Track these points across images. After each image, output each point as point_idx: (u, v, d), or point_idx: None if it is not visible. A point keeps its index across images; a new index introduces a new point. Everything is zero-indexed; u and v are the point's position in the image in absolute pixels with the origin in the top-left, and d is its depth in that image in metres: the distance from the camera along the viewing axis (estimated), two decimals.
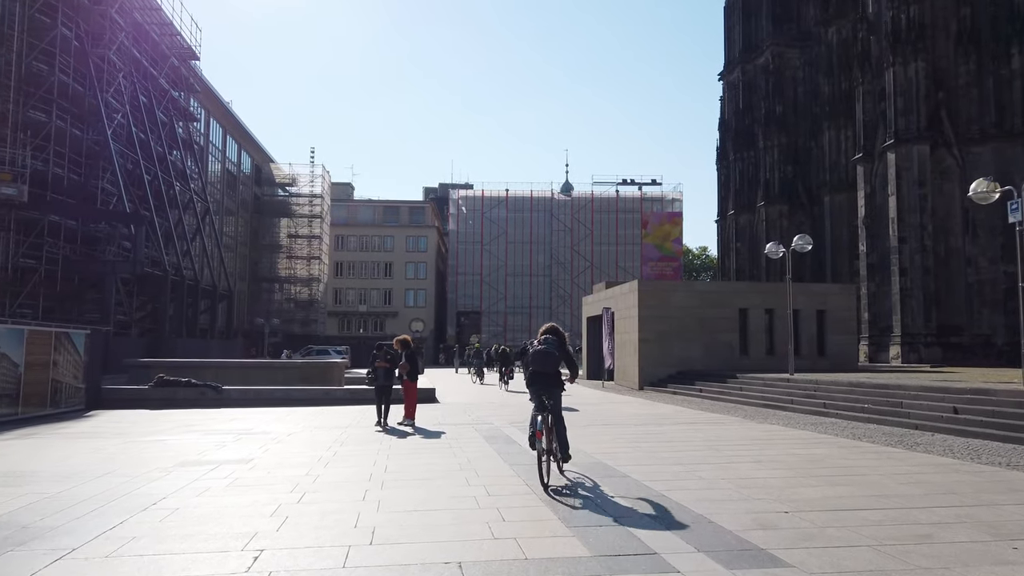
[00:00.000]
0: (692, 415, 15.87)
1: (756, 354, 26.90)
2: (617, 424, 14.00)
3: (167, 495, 7.20)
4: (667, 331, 26.33)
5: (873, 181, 35.13)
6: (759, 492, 7.17)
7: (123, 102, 34.18)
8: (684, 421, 14.50)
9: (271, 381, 22.19)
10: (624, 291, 28.34)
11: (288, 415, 16.30)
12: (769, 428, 13.18)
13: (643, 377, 26.05)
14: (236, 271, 61.89)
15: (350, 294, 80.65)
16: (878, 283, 34.69)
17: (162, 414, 16.78)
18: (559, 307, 76.75)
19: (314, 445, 11.09)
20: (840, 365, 26.46)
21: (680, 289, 27.59)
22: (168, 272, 34.47)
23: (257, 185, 68.77)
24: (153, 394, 19.77)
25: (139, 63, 37.02)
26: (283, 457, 9.86)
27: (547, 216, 78.90)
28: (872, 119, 35.30)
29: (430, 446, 11.04)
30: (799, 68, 46.36)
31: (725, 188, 51.52)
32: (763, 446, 10.65)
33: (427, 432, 12.80)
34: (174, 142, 41.92)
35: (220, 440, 11.73)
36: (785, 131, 45.73)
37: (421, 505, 6.69)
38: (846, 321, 27.60)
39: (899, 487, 7.47)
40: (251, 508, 6.60)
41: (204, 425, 14.23)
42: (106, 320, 30.15)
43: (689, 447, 10.60)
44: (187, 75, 44.64)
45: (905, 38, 32.27)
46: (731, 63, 50.97)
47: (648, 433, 12.46)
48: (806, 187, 45.06)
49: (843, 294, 28.06)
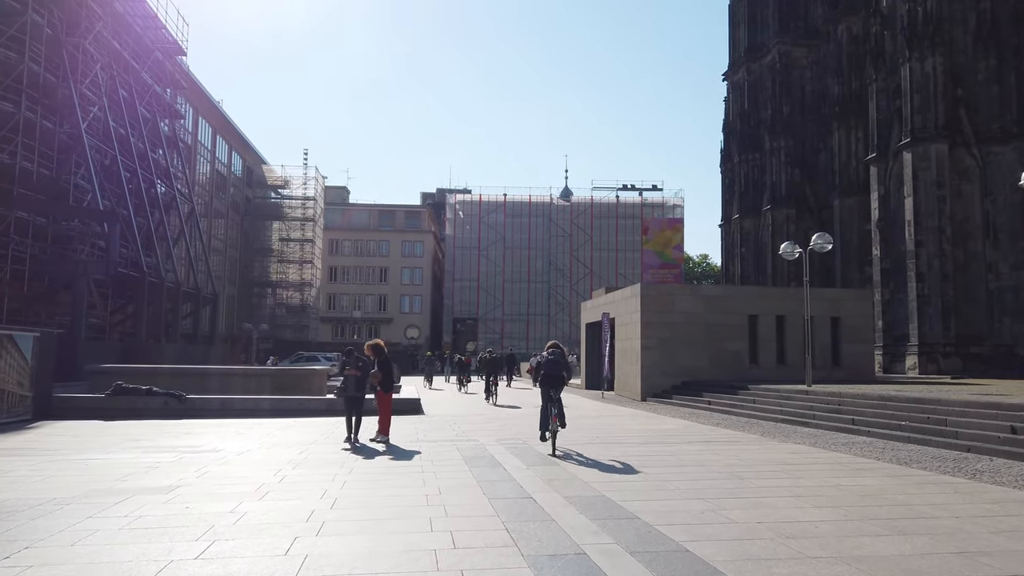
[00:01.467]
0: (703, 431, 14.13)
1: (766, 363, 25.18)
2: (619, 442, 12.27)
3: (32, 544, 5.46)
4: (671, 338, 24.61)
5: (887, 183, 33.48)
6: (812, 546, 5.44)
7: (100, 95, 32.49)
8: (695, 439, 12.76)
9: (244, 390, 20.44)
10: (625, 295, 26.63)
11: (252, 428, 14.57)
12: (795, 448, 11.45)
13: (645, 387, 24.32)
14: (225, 275, 60.21)
15: (344, 300, 78.84)
16: (892, 290, 32.98)
17: (113, 426, 15.06)
18: (557, 314, 75.04)
19: (262, 467, 9.35)
20: (856, 376, 24.74)
21: (685, 294, 25.87)
22: (146, 273, 32.70)
23: (249, 187, 67.10)
24: (111, 404, 17.99)
25: (119, 55, 35.35)
26: (217, 484, 8.13)
27: (546, 222, 77.29)
28: (886, 118, 33.68)
29: (398, 470, 9.32)
30: (807, 68, 44.80)
31: (729, 192, 49.87)
32: (796, 473, 8.92)
33: (400, 451, 11.07)
34: (158, 140, 40.21)
35: (156, 460, 10.00)
36: (792, 133, 44.11)
37: (360, 565, 4.95)
38: (862, 329, 25.88)
39: (992, 537, 5.74)
40: (124, 569, 4.86)
41: (151, 440, 12.51)
42: (77, 323, 28.42)
43: (707, 474, 8.86)
44: (173, 71, 42.98)
45: (922, 32, 30.68)
46: (735, 63, 49.42)
47: (656, 455, 10.72)
48: (814, 191, 43.42)
49: (859, 300, 26.36)
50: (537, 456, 10.42)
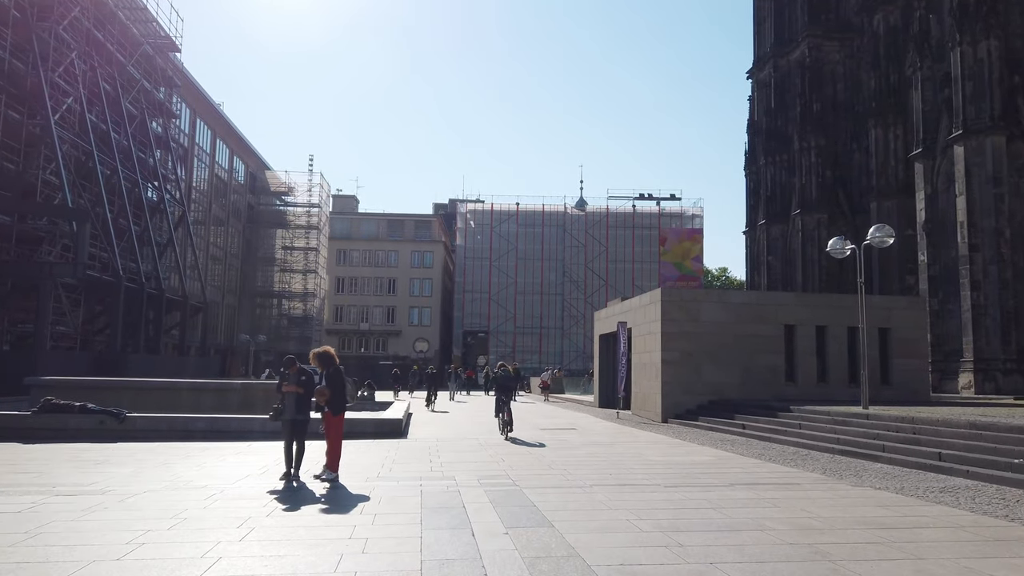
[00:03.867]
0: (746, 466, 11.12)
1: (805, 381, 22.06)
2: (639, 484, 9.29)
3: None
4: (695, 351, 21.56)
5: (935, 180, 30.31)
6: None
7: (77, 86, 30.17)
8: (739, 478, 9.75)
9: (197, 407, 17.67)
10: (644, 302, 23.63)
11: (186, 456, 11.79)
12: (878, 497, 8.42)
13: (667, 407, 21.27)
14: (225, 284, 57.85)
15: (352, 311, 76.12)
16: (941, 300, 29.71)
17: (20, 452, 12.32)
18: (571, 327, 71.98)
19: (124, 526, 6.50)
20: (910, 396, 21.55)
21: (712, 300, 22.84)
22: (123, 278, 30.15)
23: (252, 194, 64.89)
24: (37, 423, 15.25)
25: (101, 46, 33.09)
26: (23, 559, 5.29)
27: (560, 232, 74.42)
28: (933, 110, 30.57)
29: (321, 530, 6.42)
30: (839, 63, 41.75)
31: (754, 196, 46.70)
32: (907, 547, 5.91)
33: (341, 497, 8.18)
34: (146, 138, 37.93)
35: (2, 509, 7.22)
36: (823, 131, 40.98)
37: None
38: (915, 342, 22.67)
39: None
40: None
41: (40, 473, 9.77)
42: (41, 331, 25.90)
43: (775, 547, 5.88)
44: (165, 67, 40.81)
45: (974, 13, 27.61)
46: (761, 59, 46.43)
47: (692, 508, 7.74)
48: (847, 193, 40.24)
49: (911, 309, 23.15)
50: (524, 509, 7.48)
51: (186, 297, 38.25)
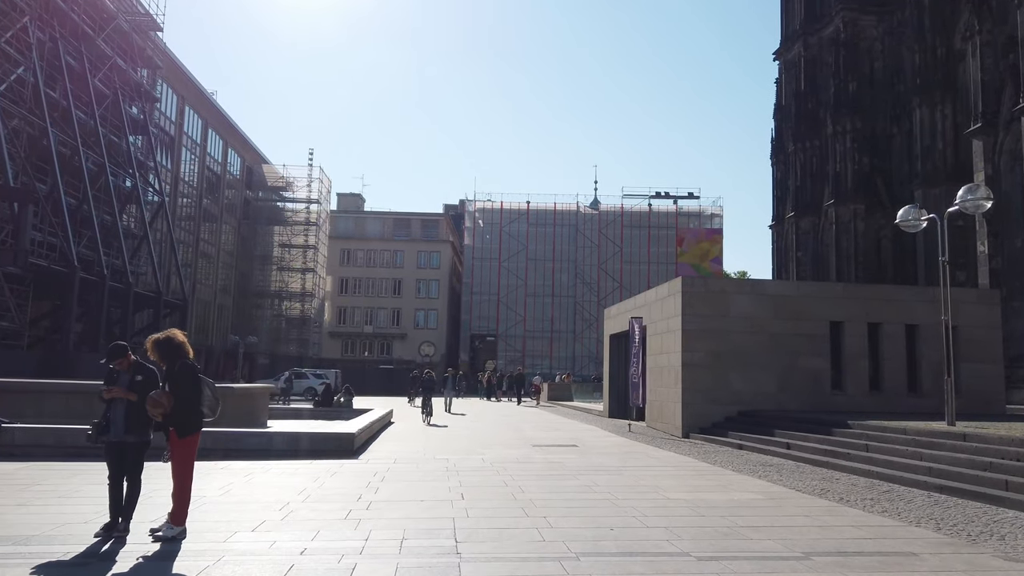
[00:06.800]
0: (810, 511, 7.56)
1: (855, 389, 18.41)
2: (652, 553, 5.79)
3: None
4: (724, 352, 17.96)
5: (996, 160, 26.50)
6: None
7: (29, 55, 27.16)
8: (811, 538, 6.21)
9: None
10: (661, 295, 20.06)
11: (38, 483, 8.43)
12: None
13: (688, 419, 17.68)
14: (218, 283, 54.81)
15: (356, 313, 72.84)
16: (1006, 297, 25.78)
17: None
18: (584, 331, 68.30)
19: None
20: (982, 407, 17.81)
21: (743, 292, 19.23)
22: (76, 269, 27.04)
23: (248, 189, 61.90)
24: None
25: (64, 15, 30.09)
26: None
27: (572, 231, 70.81)
28: (993, 79, 26.81)
29: None
30: (876, 39, 37.94)
31: (781, 187, 42.89)
32: None
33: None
34: (120, 121, 34.91)
35: None
36: (860, 114, 37.14)
37: None
38: (988, 343, 18.89)
39: None
40: None
41: None
42: None
43: None
44: (144, 46, 37.83)
45: None
46: (790, 38, 42.67)
47: None
48: (886, 181, 36.37)
49: (982, 303, 19.40)
50: None
51: (159, 293, 35.10)
